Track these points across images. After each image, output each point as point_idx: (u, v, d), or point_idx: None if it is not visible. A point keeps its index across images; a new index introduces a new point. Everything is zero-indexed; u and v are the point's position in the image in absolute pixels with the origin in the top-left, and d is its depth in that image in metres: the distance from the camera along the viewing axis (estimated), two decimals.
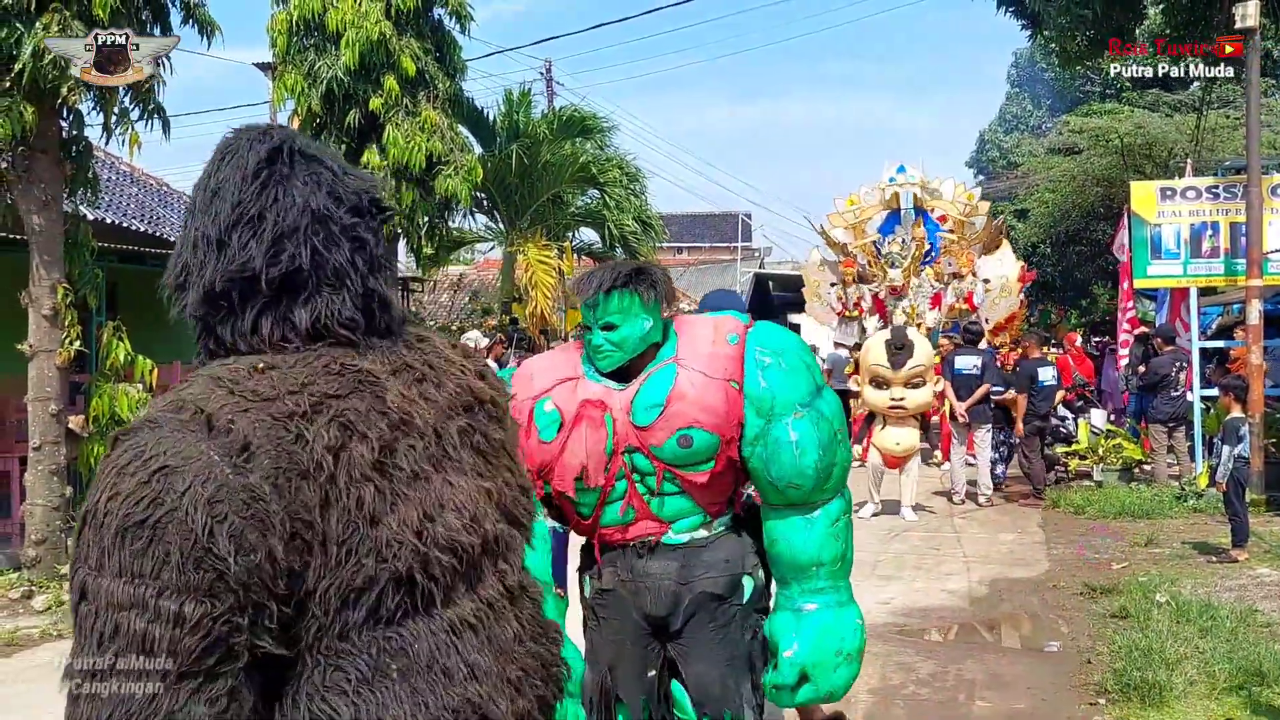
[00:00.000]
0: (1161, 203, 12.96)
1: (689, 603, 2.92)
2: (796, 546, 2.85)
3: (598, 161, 17.91)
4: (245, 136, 1.42)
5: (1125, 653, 5.82)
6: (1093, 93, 31.92)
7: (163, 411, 1.23)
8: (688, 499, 2.90)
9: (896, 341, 10.60)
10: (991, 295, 16.04)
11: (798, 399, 2.82)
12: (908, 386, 10.46)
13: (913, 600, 7.66)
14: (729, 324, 2.94)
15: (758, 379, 2.82)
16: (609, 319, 2.85)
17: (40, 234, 8.04)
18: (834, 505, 2.89)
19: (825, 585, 2.87)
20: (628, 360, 2.88)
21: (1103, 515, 10.70)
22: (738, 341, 2.87)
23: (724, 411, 2.80)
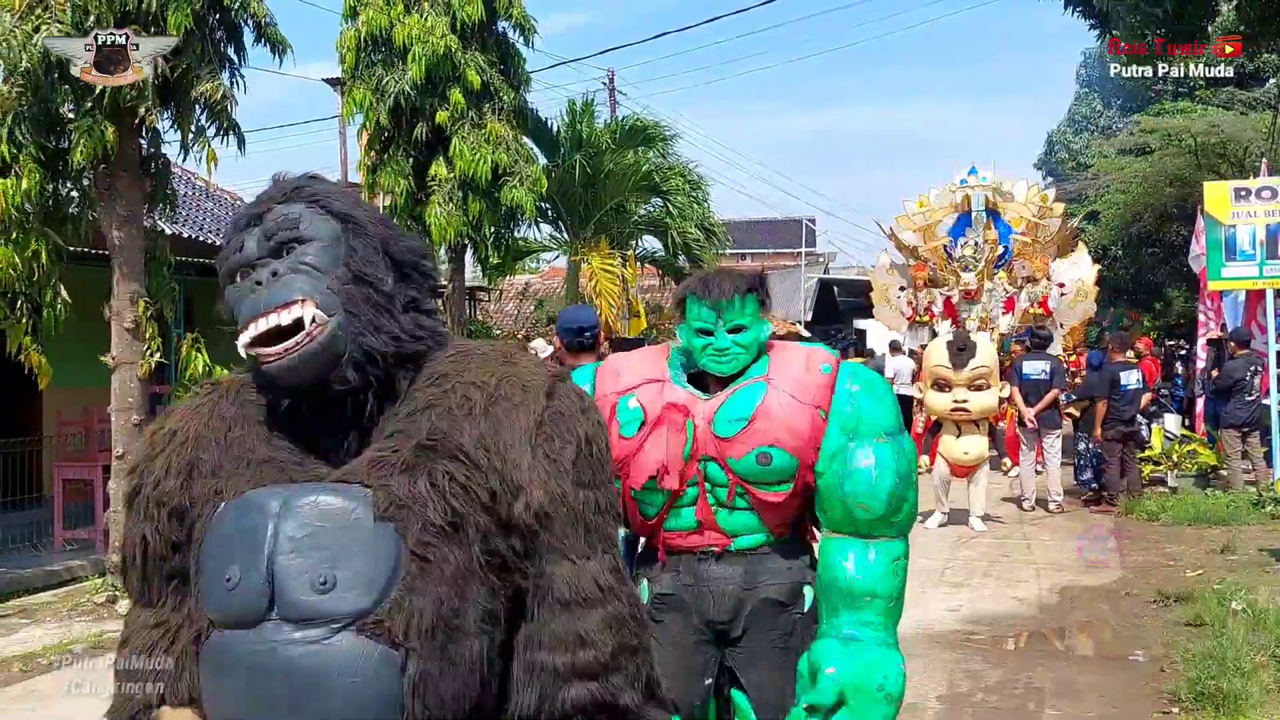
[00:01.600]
0: (1236, 203, 12.71)
1: (751, 609, 2.92)
2: (854, 574, 2.80)
3: (660, 170, 17.94)
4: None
5: (1199, 660, 5.74)
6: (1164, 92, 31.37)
7: None
8: (755, 516, 2.90)
9: (959, 342, 10.47)
10: (1067, 299, 15.81)
11: (884, 426, 2.83)
12: (971, 389, 10.25)
13: (982, 608, 7.61)
14: (822, 355, 2.97)
15: (847, 401, 2.83)
16: (740, 321, 2.89)
17: (121, 249, 8.29)
18: (896, 546, 2.83)
19: (876, 620, 2.79)
20: (746, 365, 2.92)
21: (1177, 522, 10.54)
22: (830, 371, 2.88)
23: (808, 436, 2.80)
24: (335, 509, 1.45)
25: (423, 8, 12.31)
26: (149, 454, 1.65)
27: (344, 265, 1.56)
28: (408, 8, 12.36)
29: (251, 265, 1.56)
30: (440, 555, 1.44)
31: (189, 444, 1.61)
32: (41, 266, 8.04)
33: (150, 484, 1.61)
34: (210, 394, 1.69)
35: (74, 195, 8.57)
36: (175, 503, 1.58)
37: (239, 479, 1.53)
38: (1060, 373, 11.83)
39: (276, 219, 1.57)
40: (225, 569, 1.44)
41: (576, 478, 1.54)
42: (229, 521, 1.48)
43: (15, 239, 7.92)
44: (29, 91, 7.75)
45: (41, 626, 7.79)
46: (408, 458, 1.49)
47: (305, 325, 1.48)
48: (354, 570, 1.41)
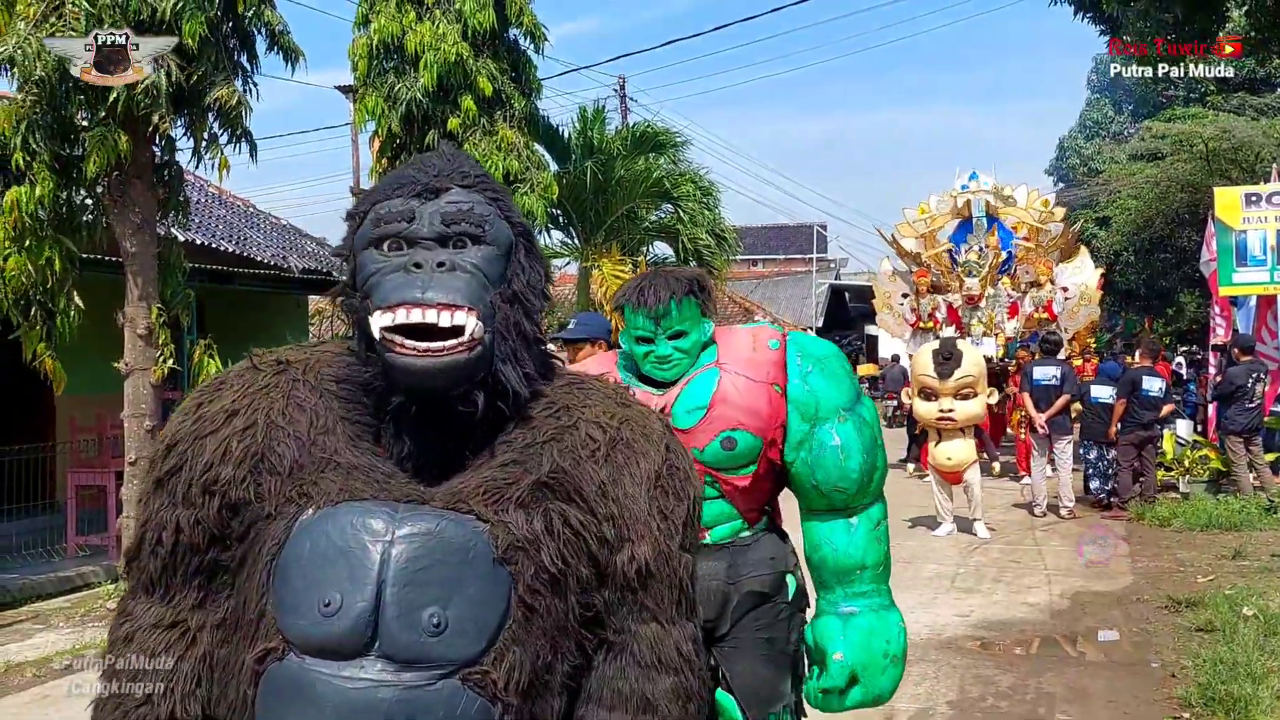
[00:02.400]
0: (1246, 208, 12.72)
1: (737, 603, 2.88)
2: (840, 550, 2.83)
3: (671, 176, 17.95)
4: None
5: (1210, 666, 5.73)
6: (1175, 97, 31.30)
7: None
8: (727, 504, 2.87)
9: (944, 351, 10.43)
10: (1071, 304, 15.77)
11: (841, 403, 2.81)
12: (957, 398, 10.18)
13: (992, 613, 7.60)
14: (767, 331, 2.95)
15: (801, 383, 2.81)
16: (680, 326, 2.83)
17: (135, 256, 8.34)
18: (875, 510, 2.87)
19: (869, 589, 2.84)
20: (688, 368, 2.87)
21: (1189, 527, 10.52)
22: (779, 347, 2.87)
23: (767, 414, 2.79)
24: (454, 542, 1.33)
25: (434, 15, 12.36)
26: (195, 432, 1.47)
27: (507, 282, 1.45)
28: (419, 15, 12.41)
29: (413, 241, 1.43)
30: (545, 605, 1.36)
31: (256, 430, 1.44)
32: (55, 273, 8.08)
33: (198, 466, 1.44)
34: (280, 374, 1.52)
35: (87, 203, 8.62)
36: (235, 494, 1.42)
37: (328, 485, 1.39)
38: (1071, 378, 11.79)
39: (461, 206, 1.45)
40: (322, 590, 1.31)
41: (683, 540, 1.49)
42: (324, 535, 1.34)
43: (29, 246, 7.97)
44: (43, 99, 7.79)
45: (55, 632, 7.83)
46: (524, 494, 1.39)
47: (465, 334, 1.36)
48: (466, 613, 1.31)
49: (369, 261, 1.43)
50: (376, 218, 1.45)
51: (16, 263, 7.91)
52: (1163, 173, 25.87)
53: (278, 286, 14.94)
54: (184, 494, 1.44)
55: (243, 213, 16.72)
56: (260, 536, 1.39)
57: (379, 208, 1.46)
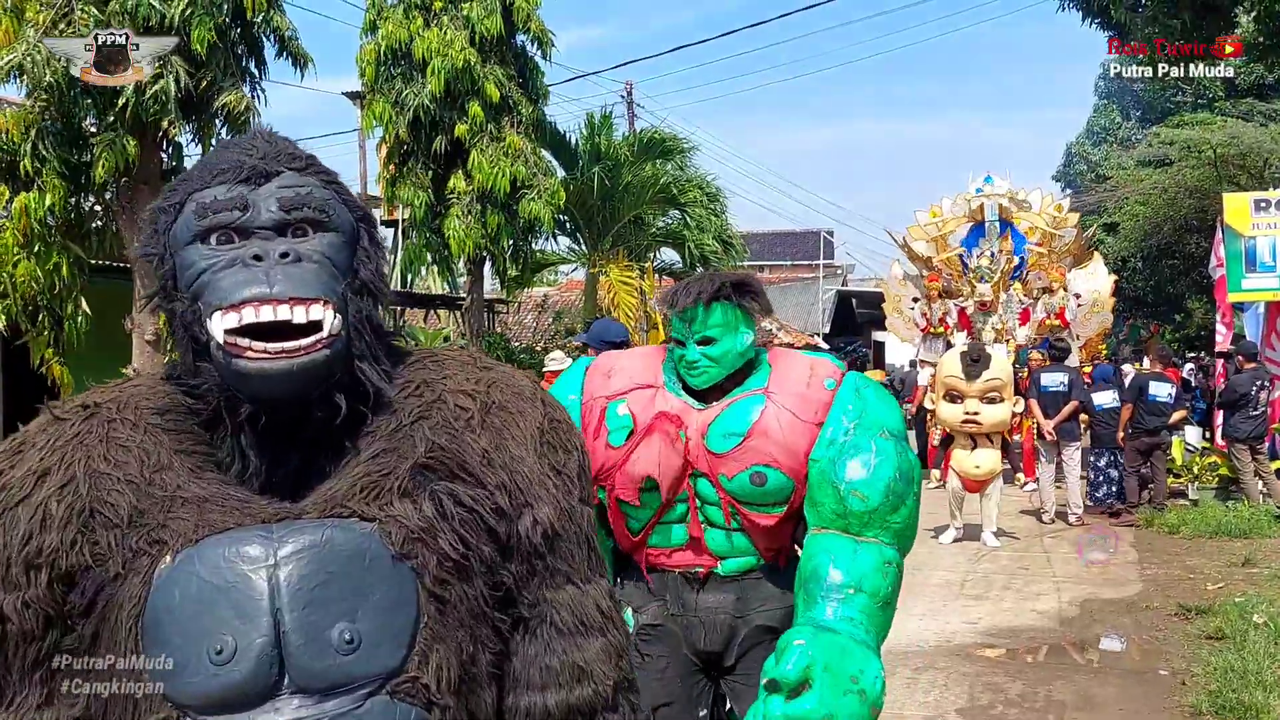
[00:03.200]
0: (1256, 214, 12.68)
1: (744, 637, 2.72)
2: (838, 564, 2.48)
3: (678, 182, 17.99)
4: None
5: (1221, 674, 5.71)
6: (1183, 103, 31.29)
7: None
8: (744, 538, 2.69)
9: (973, 353, 10.34)
10: (1083, 310, 15.71)
11: (888, 425, 2.60)
12: (983, 401, 9.98)
13: (1001, 620, 7.57)
14: (827, 367, 2.73)
15: (851, 400, 2.62)
16: (708, 333, 2.64)
17: (141, 262, 8.34)
18: (890, 550, 2.53)
19: (858, 618, 2.43)
20: (723, 378, 2.69)
21: (1198, 535, 10.47)
22: (834, 387, 2.66)
23: (805, 456, 2.59)
24: (346, 548, 1.20)
25: (442, 22, 12.41)
26: (2, 503, 1.26)
27: (354, 271, 1.33)
28: (427, 22, 12.47)
29: (246, 231, 1.27)
30: (456, 594, 1.25)
31: (77, 484, 1.25)
32: (63, 279, 8.13)
33: (14, 541, 1.23)
34: (89, 418, 1.32)
35: (96, 209, 8.65)
36: (67, 562, 1.21)
37: (180, 524, 1.22)
38: (1079, 384, 11.73)
39: (299, 190, 1.31)
40: (210, 638, 1.15)
41: (581, 492, 1.40)
42: (194, 577, 1.17)
43: (38, 252, 8.01)
44: (52, 106, 7.84)
45: None
46: (405, 481, 1.27)
47: (324, 330, 1.22)
48: (378, 621, 1.19)
49: (195, 258, 1.26)
50: (199, 208, 1.28)
51: (26, 269, 7.95)
52: (1171, 179, 25.85)
53: None
54: (4, 577, 1.23)
55: None
56: (112, 603, 1.20)
57: (198, 197, 1.29)
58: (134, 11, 7.67)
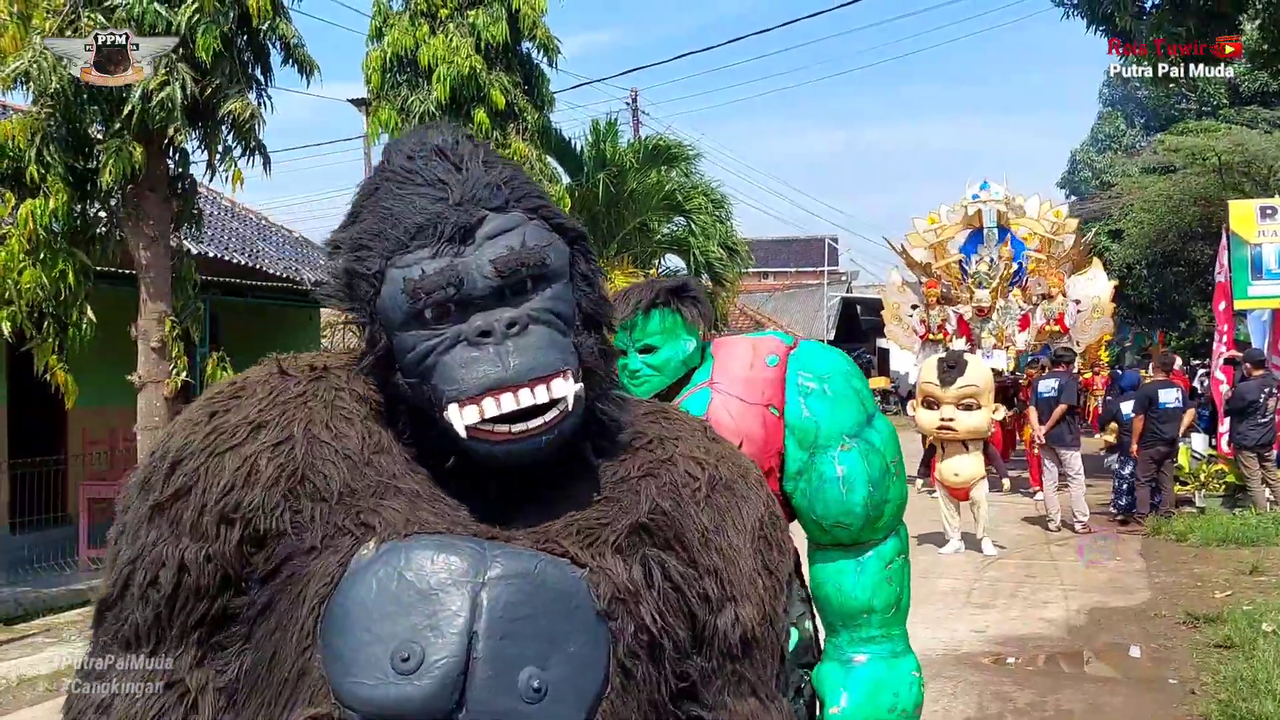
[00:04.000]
0: (1261, 221, 12.67)
1: None
2: (845, 592, 2.54)
3: (683, 189, 17.98)
4: None
5: (1231, 683, 5.69)
6: (1188, 111, 31.28)
7: None
8: None
9: (949, 360, 10.31)
10: (1083, 316, 15.68)
11: (844, 428, 2.53)
12: (959, 408, 9.95)
13: (1009, 629, 7.54)
14: (769, 344, 2.65)
15: (800, 406, 2.53)
16: (648, 340, 2.60)
17: (148, 269, 8.35)
18: (887, 546, 2.57)
19: (878, 634, 2.54)
20: (665, 386, 2.62)
21: (1205, 543, 10.44)
22: (778, 363, 2.57)
23: (761, 439, 2.50)
24: (555, 588, 1.12)
25: (448, 29, 12.41)
26: (209, 447, 1.19)
27: (579, 309, 1.22)
28: (433, 29, 12.46)
29: (467, 303, 1.16)
30: (643, 672, 1.14)
31: (293, 445, 1.18)
32: (68, 286, 8.09)
33: (214, 489, 1.17)
34: (316, 380, 1.26)
35: (100, 215, 8.63)
36: (265, 524, 1.16)
37: (392, 514, 1.15)
38: (1069, 388, 11.77)
39: (511, 243, 1.17)
40: (397, 641, 1.07)
41: (786, 601, 1.30)
42: (395, 574, 1.10)
43: (43, 258, 7.98)
44: (58, 112, 7.83)
45: (67, 645, 7.80)
46: (621, 537, 1.18)
47: (567, 403, 1.14)
48: (567, 675, 1.09)
49: (416, 342, 1.17)
50: (412, 289, 1.16)
51: (31, 275, 7.93)
52: (1175, 186, 25.86)
53: (290, 299, 14.96)
54: (193, 523, 1.16)
55: (255, 225, 16.73)
56: (299, 575, 1.13)
57: (405, 272, 1.17)
58: (140, 19, 7.65)
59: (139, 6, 7.65)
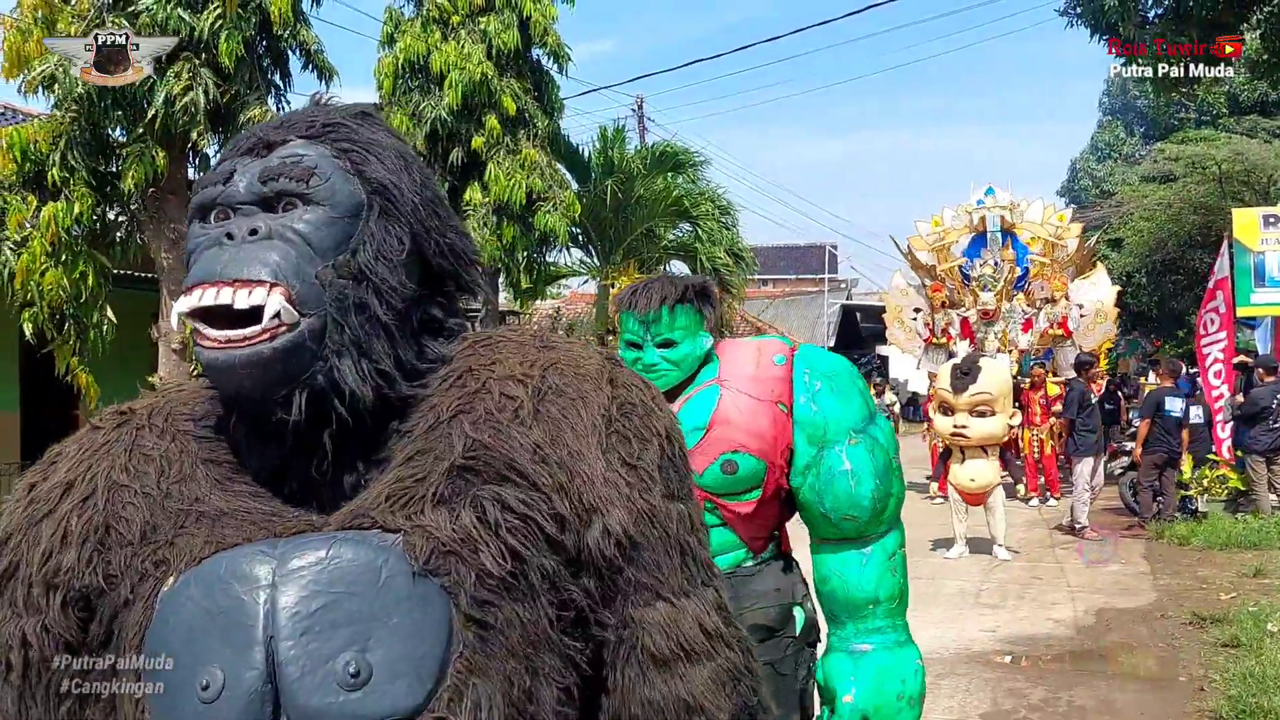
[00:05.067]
0: (1265, 230, 12.83)
1: None
2: (851, 583, 2.61)
3: (690, 195, 18.10)
4: None
5: (1240, 680, 5.79)
6: (1188, 119, 31.44)
7: None
8: (729, 532, 2.63)
9: (964, 366, 10.18)
10: (1086, 320, 15.73)
11: (851, 424, 2.60)
12: (973, 415, 9.80)
13: (1018, 629, 7.64)
14: (773, 345, 2.72)
15: (808, 403, 2.59)
16: (670, 335, 2.63)
17: (170, 271, 8.47)
18: (890, 539, 2.65)
19: (883, 624, 2.62)
20: (680, 381, 2.67)
21: (1208, 546, 10.54)
22: (785, 363, 2.64)
23: (771, 436, 2.57)
24: (356, 566, 1.03)
25: (460, 36, 12.56)
26: (29, 518, 1.14)
27: (350, 251, 1.13)
28: (445, 35, 12.61)
29: (232, 207, 1.13)
30: (504, 617, 1.06)
31: (97, 498, 1.12)
32: (89, 288, 8.21)
33: (35, 560, 1.11)
34: (120, 426, 1.19)
35: (120, 219, 8.75)
36: (80, 583, 1.09)
37: (190, 540, 1.08)
38: (1075, 400, 11.90)
39: (285, 159, 1.14)
40: (196, 672, 1.00)
41: (665, 488, 1.17)
42: (190, 602, 1.03)
43: (64, 260, 8.10)
44: (81, 117, 7.95)
45: None
46: (440, 485, 1.09)
47: (263, 319, 1.05)
48: (394, 651, 1.01)
49: (190, 237, 1.16)
50: (200, 181, 1.17)
51: (53, 277, 8.04)
52: (1175, 195, 25.98)
53: None
54: (25, 598, 1.11)
55: None
56: (119, 628, 1.08)
57: (206, 174, 1.18)
58: (164, 24, 7.78)
59: (163, 12, 7.79)
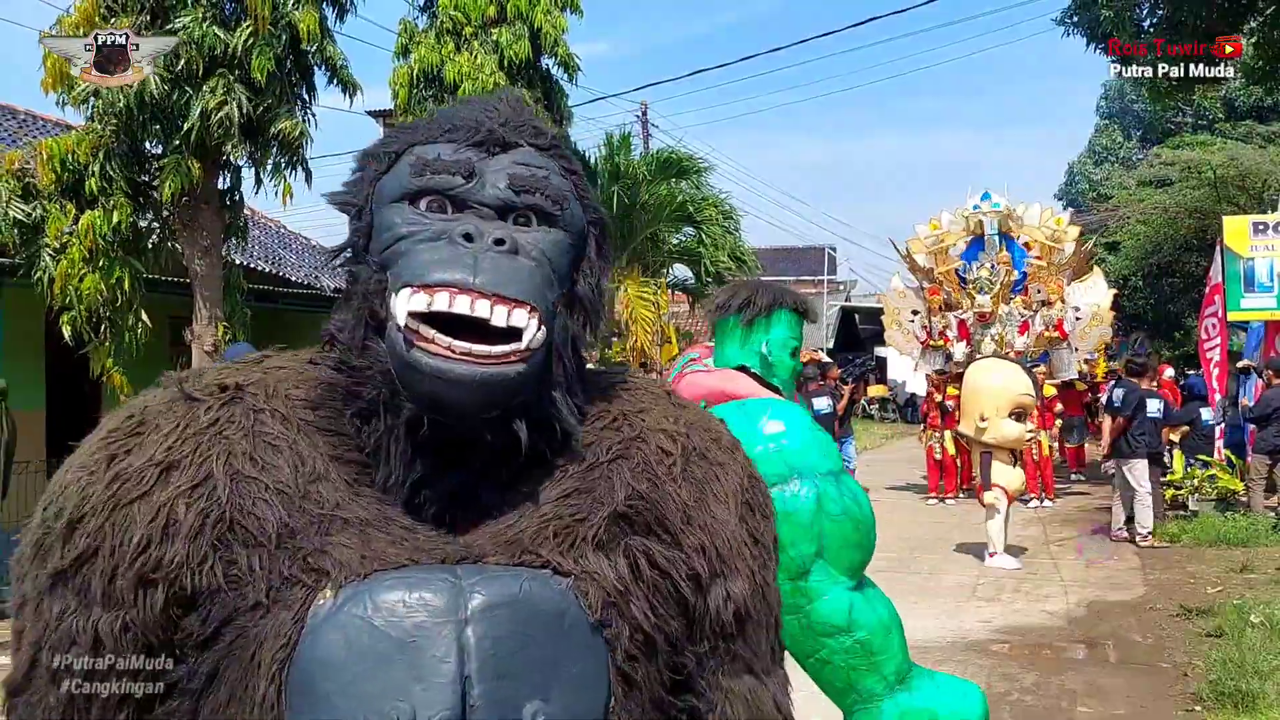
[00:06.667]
0: (1254, 236, 13.16)
1: None
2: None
3: (694, 200, 18.43)
4: None
5: (1220, 665, 6.16)
6: (1184, 124, 31.82)
7: None
8: None
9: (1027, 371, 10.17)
10: (1082, 324, 15.90)
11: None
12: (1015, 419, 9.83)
13: (1013, 620, 8.02)
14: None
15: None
16: (798, 342, 2.66)
17: (203, 277, 8.85)
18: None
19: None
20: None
21: (1198, 543, 10.89)
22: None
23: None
24: (546, 609, 0.98)
25: (473, 47, 12.90)
26: (114, 498, 0.99)
27: (573, 282, 1.10)
28: (458, 47, 12.96)
29: (463, 204, 1.06)
30: (643, 673, 1.02)
31: (216, 488, 0.99)
32: (125, 293, 8.57)
33: (126, 548, 0.97)
34: (229, 404, 1.05)
35: (154, 226, 9.12)
36: (194, 581, 0.96)
37: (344, 552, 0.98)
38: (1129, 400, 11.55)
39: (536, 172, 1.08)
40: (382, 704, 0.92)
41: (775, 568, 1.17)
42: (360, 623, 0.94)
43: (102, 267, 8.46)
44: (120, 129, 8.32)
45: None
46: (600, 530, 1.04)
47: (522, 341, 0.99)
48: (569, 701, 0.97)
49: (398, 220, 1.06)
50: (419, 163, 1.07)
51: (91, 282, 8.40)
52: (1171, 199, 26.29)
53: (311, 305, 15.41)
54: (104, 590, 0.97)
55: (275, 233, 17.19)
56: (247, 638, 0.96)
57: (421, 151, 1.08)
58: (200, 41, 8.15)
59: (199, 30, 8.15)
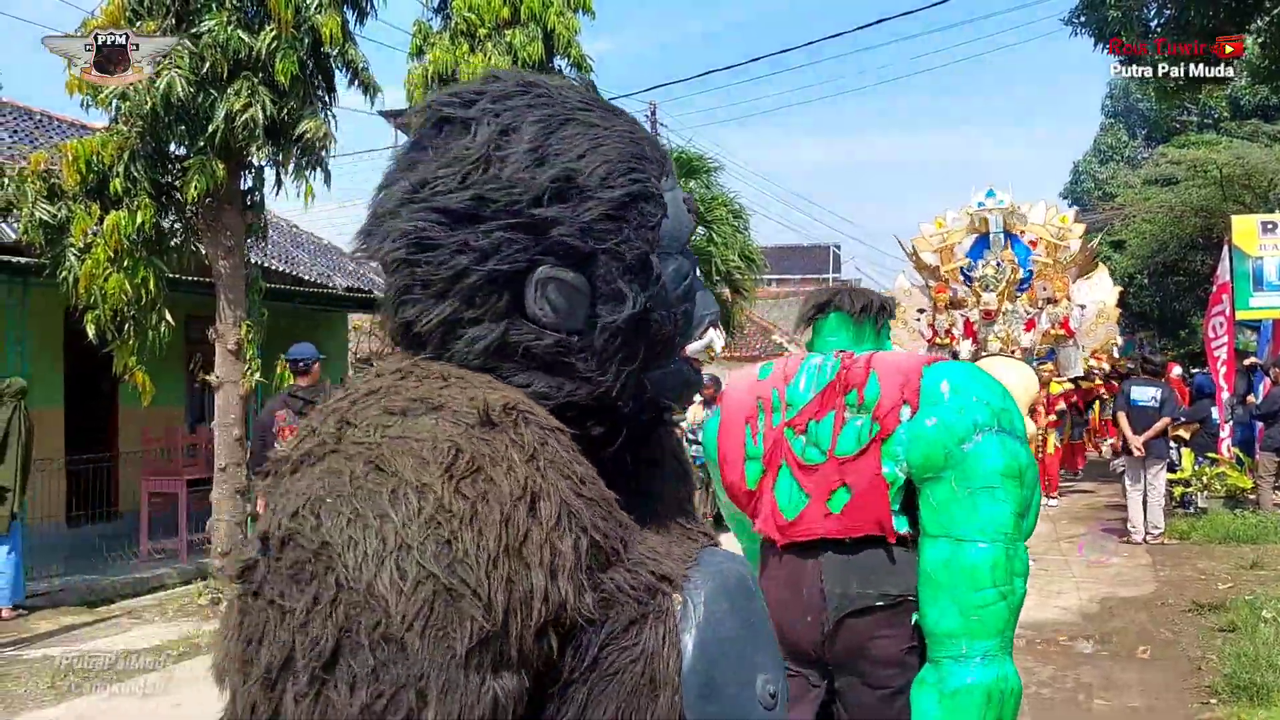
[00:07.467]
0: (1263, 235, 13.26)
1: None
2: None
3: (704, 200, 18.49)
4: None
5: (1235, 659, 6.26)
6: (1189, 123, 31.89)
7: None
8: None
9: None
10: (1088, 321, 15.94)
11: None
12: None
13: (1027, 615, 7.92)
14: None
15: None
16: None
17: (226, 277, 8.95)
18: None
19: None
20: None
21: (1208, 541, 11.00)
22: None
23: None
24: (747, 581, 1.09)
25: (486, 48, 13.00)
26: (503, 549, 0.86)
27: None
28: (472, 48, 13.06)
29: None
30: None
31: (575, 514, 0.92)
32: (149, 292, 8.67)
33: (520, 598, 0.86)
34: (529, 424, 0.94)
35: (176, 227, 9.22)
36: (575, 620, 0.90)
37: (661, 554, 1.01)
38: (1172, 401, 11.63)
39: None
40: (756, 684, 1.01)
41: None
42: (723, 615, 0.99)
43: (126, 267, 8.56)
44: (146, 131, 8.42)
45: (151, 625, 8.39)
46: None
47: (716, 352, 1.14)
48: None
49: (684, 265, 1.07)
50: (692, 210, 1.10)
51: (115, 282, 8.50)
52: (1177, 198, 26.35)
53: (324, 304, 15.53)
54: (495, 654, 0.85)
55: (288, 233, 17.28)
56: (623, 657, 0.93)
57: (684, 198, 1.09)
58: (225, 45, 8.25)
59: (224, 33, 8.25)
